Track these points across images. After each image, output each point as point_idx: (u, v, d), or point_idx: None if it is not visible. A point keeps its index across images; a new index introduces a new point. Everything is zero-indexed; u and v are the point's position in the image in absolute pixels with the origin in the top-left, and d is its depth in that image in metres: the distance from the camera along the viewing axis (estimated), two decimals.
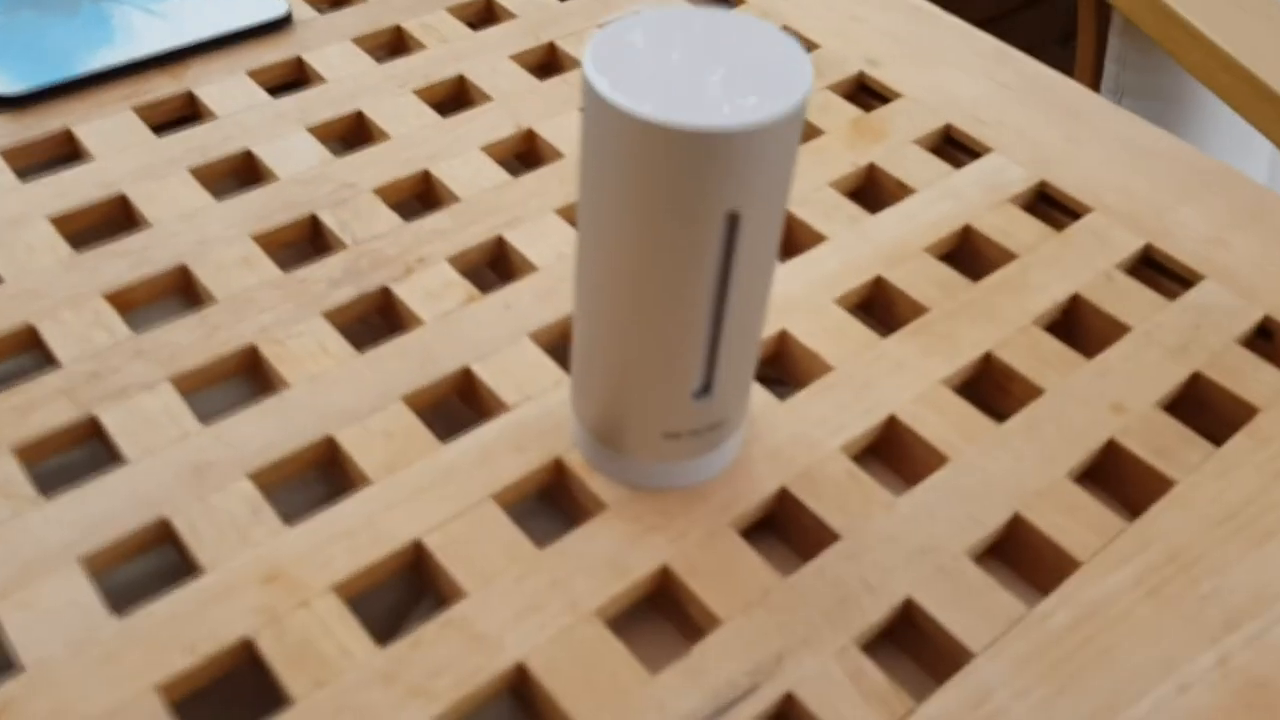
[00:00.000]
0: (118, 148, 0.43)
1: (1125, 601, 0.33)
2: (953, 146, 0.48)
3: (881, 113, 0.48)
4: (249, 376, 0.37)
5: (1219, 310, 0.41)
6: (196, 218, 0.41)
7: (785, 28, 0.53)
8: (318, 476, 0.35)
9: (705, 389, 0.32)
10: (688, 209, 0.28)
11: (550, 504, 0.36)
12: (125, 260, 0.39)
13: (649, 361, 0.31)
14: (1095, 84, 0.80)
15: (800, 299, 0.40)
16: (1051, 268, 0.42)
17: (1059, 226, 0.45)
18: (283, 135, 0.44)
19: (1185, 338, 0.40)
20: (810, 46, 0.52)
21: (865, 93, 0.51)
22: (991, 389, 0.39)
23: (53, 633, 0.30)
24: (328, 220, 0.41)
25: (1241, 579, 0.33)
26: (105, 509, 0.32)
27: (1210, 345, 0.40)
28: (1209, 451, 0.37)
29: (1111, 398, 0.38)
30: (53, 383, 0.35)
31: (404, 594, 0.34)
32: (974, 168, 0.46)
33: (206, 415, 0.36)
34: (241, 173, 0.44)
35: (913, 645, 0.33)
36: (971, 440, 0.36)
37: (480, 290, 0.40)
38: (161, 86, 0.46)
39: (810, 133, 0.47)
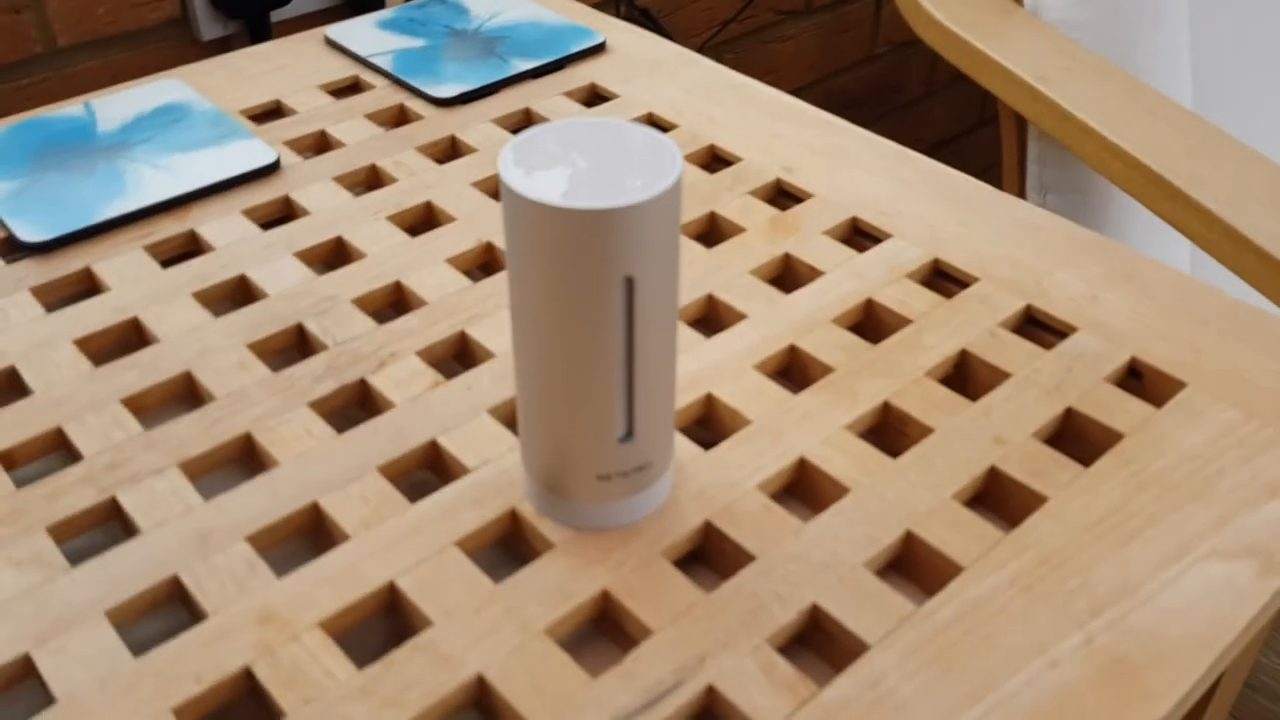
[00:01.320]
0: (131, 280, 0.50)
1: (1002, 597, 0.38)
2: (859, 235, 0.55)
3: (795, 210, 0.55)
4: (246, 460, 0.43)
5: (1090, 355, 0.47)
6: (198, 333, 0.47)
7: (712, 145, 0.60)
8: (306, 540, 0.41)
9: (628, 433, 0.38)
10: (592, 277, 0.34)
11: (508, 550, 0.41)
12: (137, 370, 0.45)
13: (577, 412, 0.37)
14: (1022, 184, 0.87)
15: (723, 367, 0.46)
16: (942, 328, 0.48)
17: (950, 295, 0.51)
18: (272, 260, 0.51)
19: (1059, 379, 0.46)
20: (734, 160, 0.59)
21: (783, 195, 0.58)
22: (890, 433, 0.45)
23: (82, 671, 0.35)
24: (311, 328, 0.48)
25: (1106, 574, 0.38)
26: (124, 572, 0.38)
27: (1081, 384, 0.45)
28: (1079, 471, 0.42)
29: (993, 432, 0.43)
30: (77, 473, 0.41)
31: (387, 641, 0.39)
32: (875, 250, 0.52)
33: (210, 494, 0.42)
34: (237, 294, 0.51)
35: (817, 644, 0.38)
36: (870, 475, 0.42)
37: (446, 377, 0.46)
38: (168, 228, 0.53)
39: (732, 230, 0.54)
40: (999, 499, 0.42)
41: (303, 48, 0.68)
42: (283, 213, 0.56)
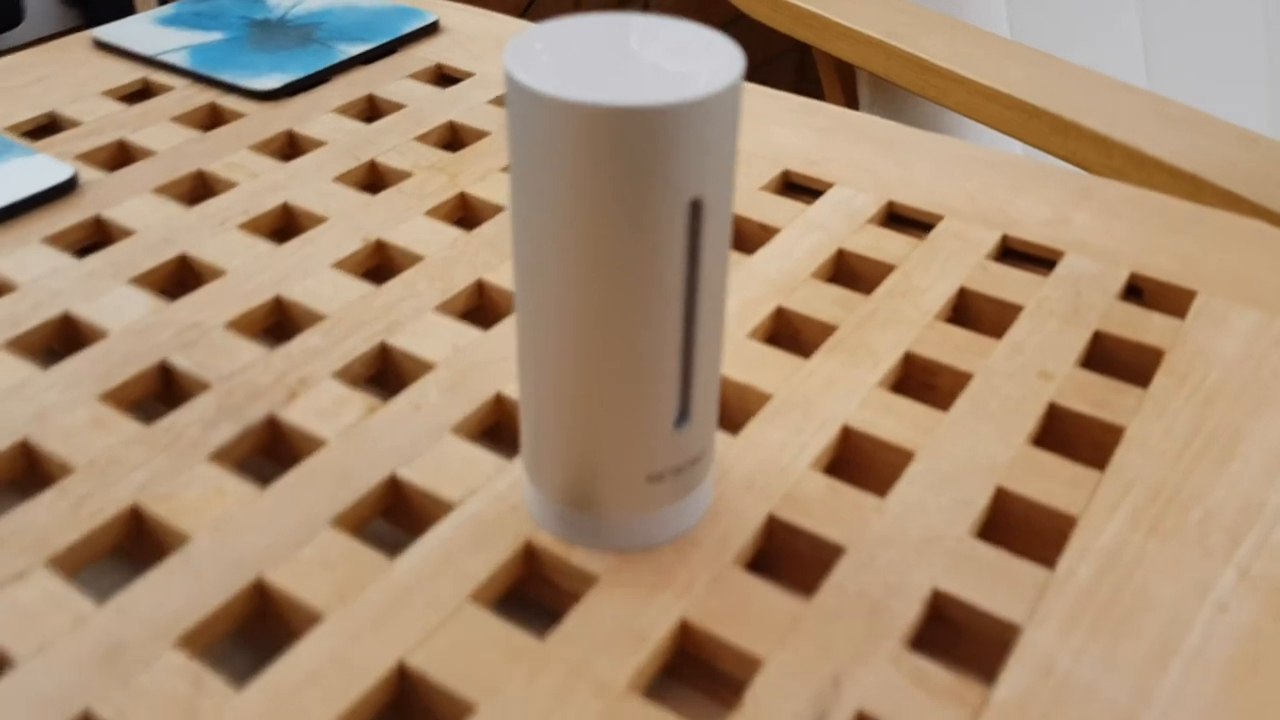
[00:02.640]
0: None
1: (1133, 545, 0.32)
2: (796, 189, 0.49)
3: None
4: (139, 542, 0.32)
5: (1090, 277, 0.42)
6: (25, 390, 0.35)
7: None
8: (258, 634, 0.30)
9: (684, 415, 0.29)
10: (649, 202, 0.26)
11: (527, 599, 0.32)
12: None
13: (623, 391, 0.28)
14: None
15: None
16: (929, 269, 0.42)
17: (920, 237, 0.45)
18: (101, 293, 0.39)
19: (1074, 304, 0.41)
20: None
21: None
22: (919, 386, 0.39)
23: None
24: (180, 363, 0.36)
25: (1223, 497, 0.33)
26: None
27: (1098, 306, 0.41)
28: (1141, 395, 0.37)
29: (1035, 367, 0.38)
30: None
31: None
32: (825, 200, 0.46)
33: (101, 595, 0.30)
34: (64, 337, 0.38)
35: (946, 638, 0.31)
36: (928, 433, 0.35)
37: (381, 399, 0.36)
38: None
39: None
40: (1070, 437, 0.37)
41: (66, 54, 0.55)
42: (96, 237, 0.43)
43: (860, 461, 0.36)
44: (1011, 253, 0.45)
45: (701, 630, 0.29)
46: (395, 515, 0.34)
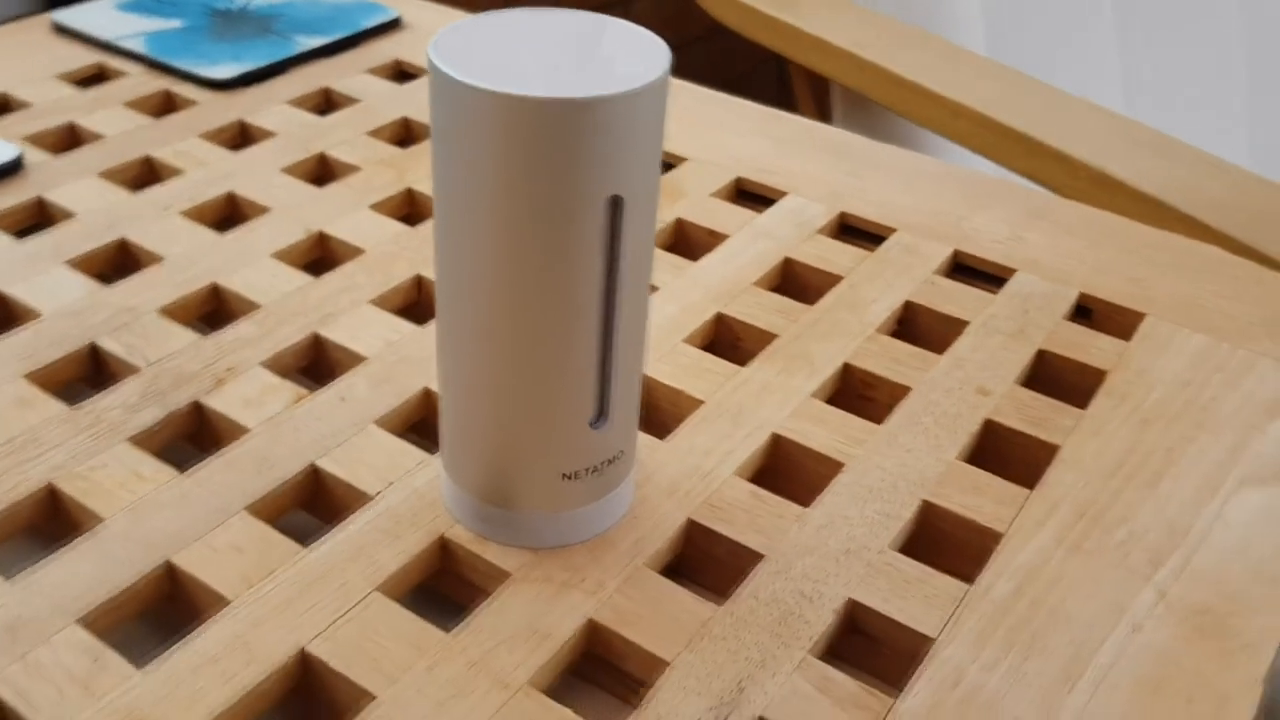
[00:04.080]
0: None
1: (1054, 561, 0.32)
2: (748, 197, 0.49)
3: (673, 175, 0.48)
4: (53, 522, 0.31)
5: (1039, 296, 0.42)
6: None
7: None
8: (166, 616, 0.30)
9: (601, 415, 0.29)
10: (566, 195, 0.25)
11: (440, 594, 0.32)
12: None
13: (537, 389, 0.28)
14: None
15: (650, 345, 0.38)
16: (875, 282, 0.42)
17: (869, 249, 0.45)
18: (37, 274, 0.39)
19: (1020, 322, 0.41)
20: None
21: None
22: (856, 399, 0.39)
23: None
24: (109, 347, 0.36)
25: (1148, 519, 0.33)
26: None
27: (1044, 325, 0.41)
28: (1079, 415, 0.37)
29: (974, 383, 0.38)
30: None
31: None
32: (776, 209, 0.46)
33: (10, 572, 0.30)
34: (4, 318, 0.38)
35: (861, 649, 0.30)
36: (859, 444, 0.35)
37: (310, 390, 0.35)
38: None
39: None
40: (1004, 454, 0.36)
41: (24, 36, 0.55)
42: (37, 218, 0.43)
43: (788, 471, 0.35)
44: (963, 268, 0.45)
45: (609, 630, 0.29)
46: (314, 505, 0.33)
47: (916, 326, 0.42)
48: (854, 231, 0.47)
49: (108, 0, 0.57)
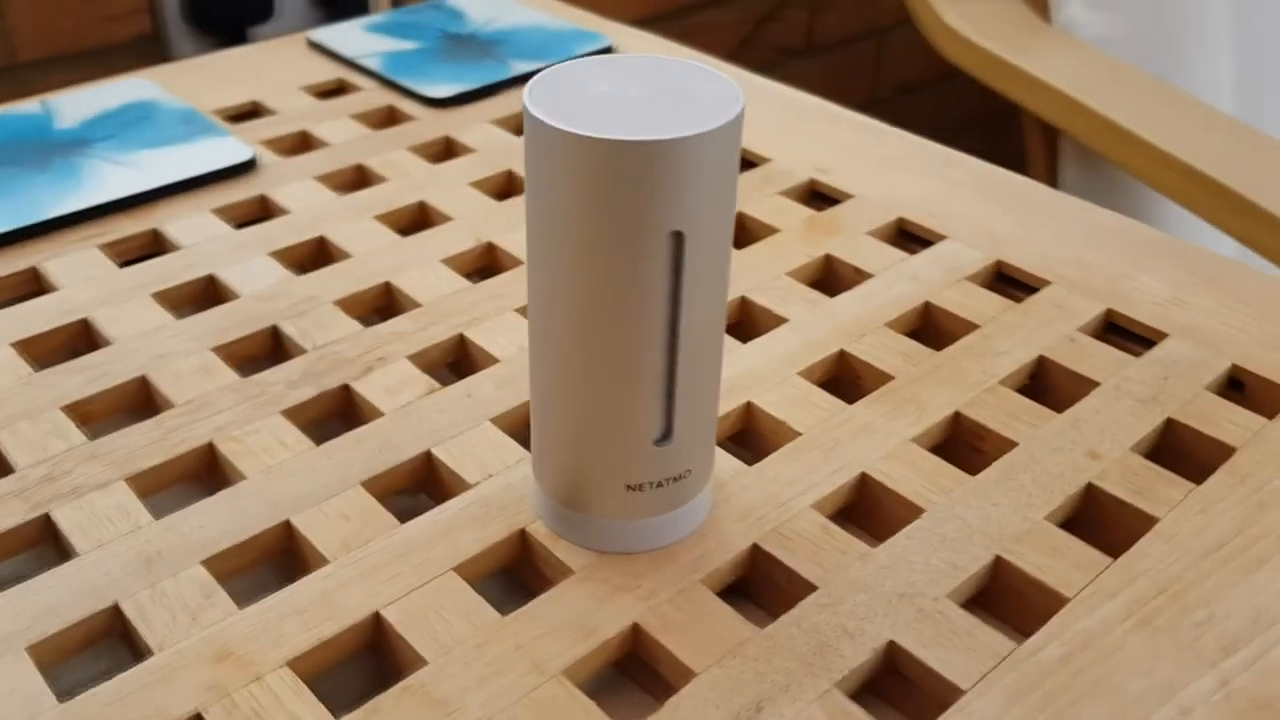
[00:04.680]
0: (82, 280, 0.44)
1: (1117, 632, 0.31)
2: (907, 238, 0.49)
3: (834, 211, 0.49)
4: (207, 475, 0.37)
5: (1186, 363, 0.41)
6: (156, 335, 0.41)
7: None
8: (276, 566, 0.34)
9: (666, 434, 0.31)
10: (631, 229, 0.28)
11: (516, 580, 0.35)
12: (83, 376, 0.39)
13: (605, 404, 0.30)
14: None
15: (763, 374, 0.40)
16: (1014, 334, 0.42)
17: (1017, 300, 0.45)
18: (244, 260, 0.45)
19: (1155, 389, 0.40)
20: (760, 160, 0.54)
21: (818, 197, 0.52)
22: (964, 448, 0.39)
23: None
24: (288, 330, 0.41)
25: (1235, 605, 0.32)
26: (54, 600, 0.31)
27: (1180, 394, 0.39)
28: (1189, 489, 0.36)
29: (1086, 446, 0.37)
30: (6, 487, 0.35)
31: (371, 685, 0.32)
32: (929, 253, 0.47)
33: (164, 513, 0.35)
34: (204, 296, 0.44)
35: (898, 691, 0.31)
36: (946, 493, 0.35)
37: (442, 385, 0.39)
38: (126, 227, 0.47)
39: (764, 231, 0.48)
40: (1099, 521, 0.36)
41: (284, 51, 0.62)
42: (258, 212, 0.49)
43: (870, 511, 0.36)
44: (1116, 329, 0.44)
45: (649, 636, 0.31)
46: (426, 488, 0.37)
47: (1045, 383, 0.41)
48: (1009, 281, 0.46)
49: (359, 21, 0.63)
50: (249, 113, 0.57)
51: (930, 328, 0.44)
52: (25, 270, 0.44)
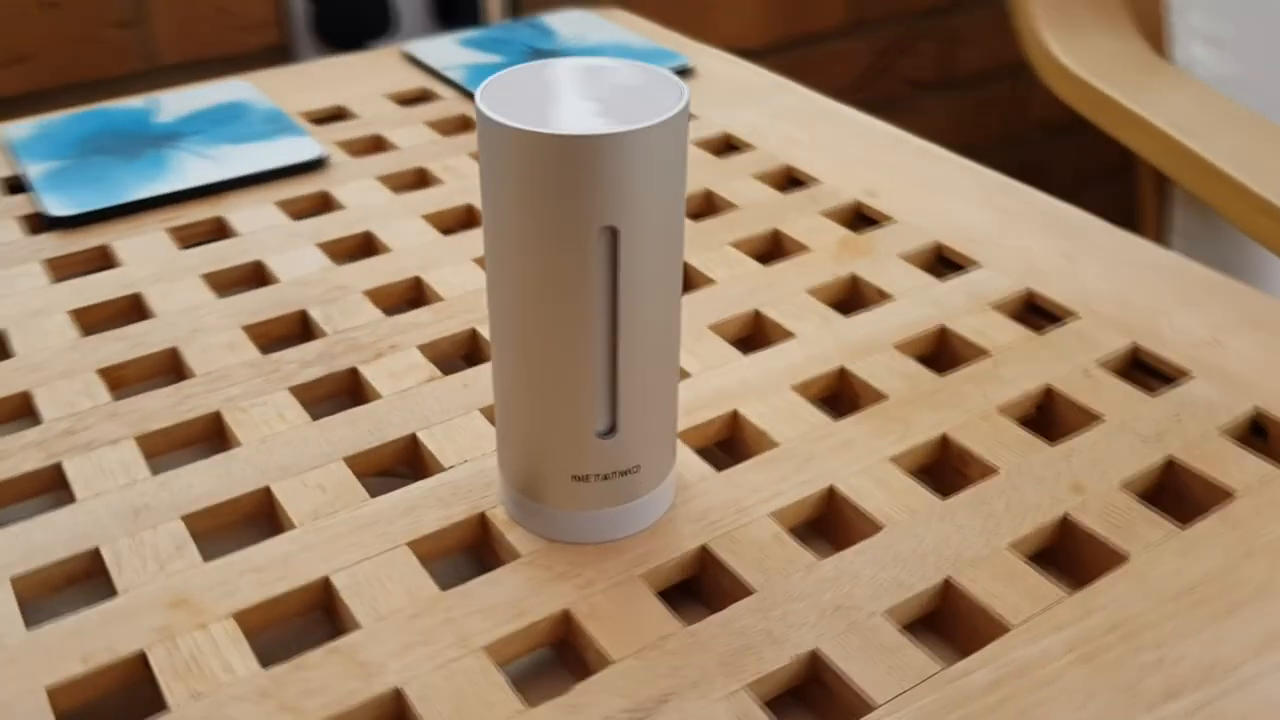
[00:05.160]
0: (144, 259, 0.47)
1: (1054, 666, 0.30)
2: (943, 264, 0.48)
3: (871, 233, 0.49)
4: (210, 440, 0.39)
5: (1204, 404, 0.39)
6: (196, 312, 0.44)
7: (789, 166, 0.55)
8: (254, 528, 0.36)
9: (611, 428, 0.32)
10: (565, 224, 0.29)
11: (475, 560, 0.36)
12: (124, 344, 0.42)
13: (548, 396, 0.31)
14: None
15: (756, 385, 0.40)
16: (1025, 363, 0.41)
17: (1040, 330, 0.44)
18: (293, 249, 0.48)
19: (1163, 427, 0.38)
20: (810, 181, 0.54)
21: (861, 220, 0.52)
22: (948, 472, 0.38)
23: None
24: (314, 315, 0.44)
25: (1191, 651, 0.30)
26: (45, 540, 0.34)
27: (1188, 434, 0.38)
28: (1172, 531, 0.34)
29: (1073, 479, 0.36)
30: (30, 437, 0.38)
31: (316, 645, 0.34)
32: (959, 279, 0.46)
33: (159, 473, 0.38)
34: (250, 279, 0.47)
35: (812, 701, 0.31)
36: (911, 513, 0.35)
37: (448, 375, 0.41)
38: (195, 213, 0.50)
39: (795, 249, 0.48)
40: (1069, 556, 0.35)
41: (381, 61, 0.66)
42: (318, 207, 0.52)
43: (833, 524, 0.36)
44: (1141, 366, 0.42)
45: (577, 623, 0.31)
46: (410, 467, 0.39)
47: (1051, 415, 0.40)
48: (1038, 312, 0.45)
49: (454, 36, 0.66)
50: (333, 116, 0.60)
51: (943, 352, 0.43)
52: (96, 247, 0.48)
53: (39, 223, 0.50)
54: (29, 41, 0.73)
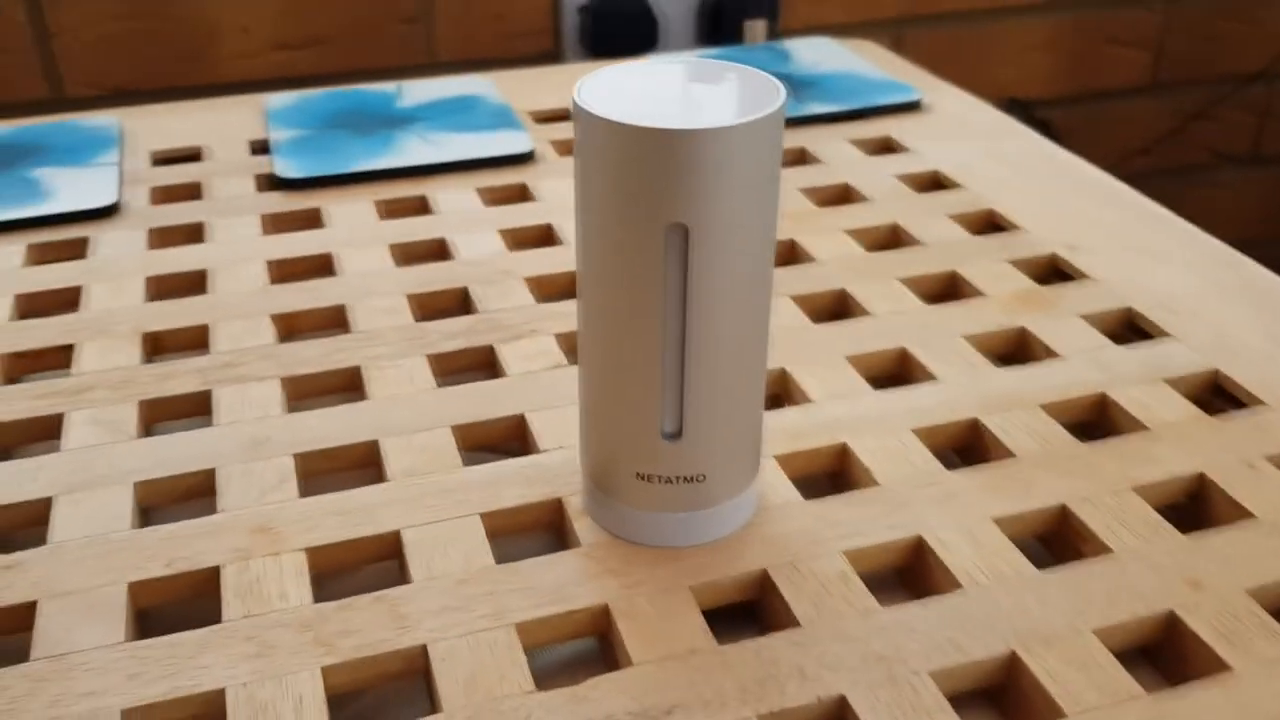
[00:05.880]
0: (347, 224, 0.51)
1: None
2: (1130, 330, 0.45)
3: (1057, 287, 0.46)
4: (346, 390, 0.42)
5: None
6: (371, 278, 0.47)
7: (991, 210, 0.52)
8: (356, 476, 0.38)
9: (678, 432, 0.32)
10: (634, 217, 0.29)
11: (550, 542, 0.36)
12: (303, 296, 0.46)
13: (615, 389, 0.31)
14: None
15: (876, 421, 0.38)
16: (1185, 445, 0.37)
17: (1217, 413, 0.39)
18: (477, 232, 0.50)
19: None
20: (1011, 228, 0.51)
21: (1054, 274, 0.48)
22: (1060, 545, 0.35)
23: (80, 527, 0.34)
24: (475, 293, 0.46)
25: None
26: (173, 454, 0.37)
27: None
28: None
29: (1193, 573, 0.32)
30: (195, 364, 0.42)
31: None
32: (1141, 347, 0.42)
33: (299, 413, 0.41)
34: (432, 255, 0.50)
35: None
36: (997, 578, 0.32)
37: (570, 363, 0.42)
38: (405, 190, 0.54)
39: (969, 293, 0.46)
40: (1167, 657, 0.31)
41: None
42: (514, 197, 0.55)
43: (914, 575, 0.34)
44: None
45: (613, 620, 0.31)
46: (519, 445, 0.40)
47: (1202, 506, 0.36)
48: (1221, 394, 0.41)
49: (697, 53, 0.67)
50: (559, 117, 0.63)
51: (1096, 421, 0.40)
52: (311, 209, 0.52)
53: (269, 182, 0.55)
54: (325, 27, 0.80)
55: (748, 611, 0.34)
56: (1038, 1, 0.97)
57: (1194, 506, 0.36)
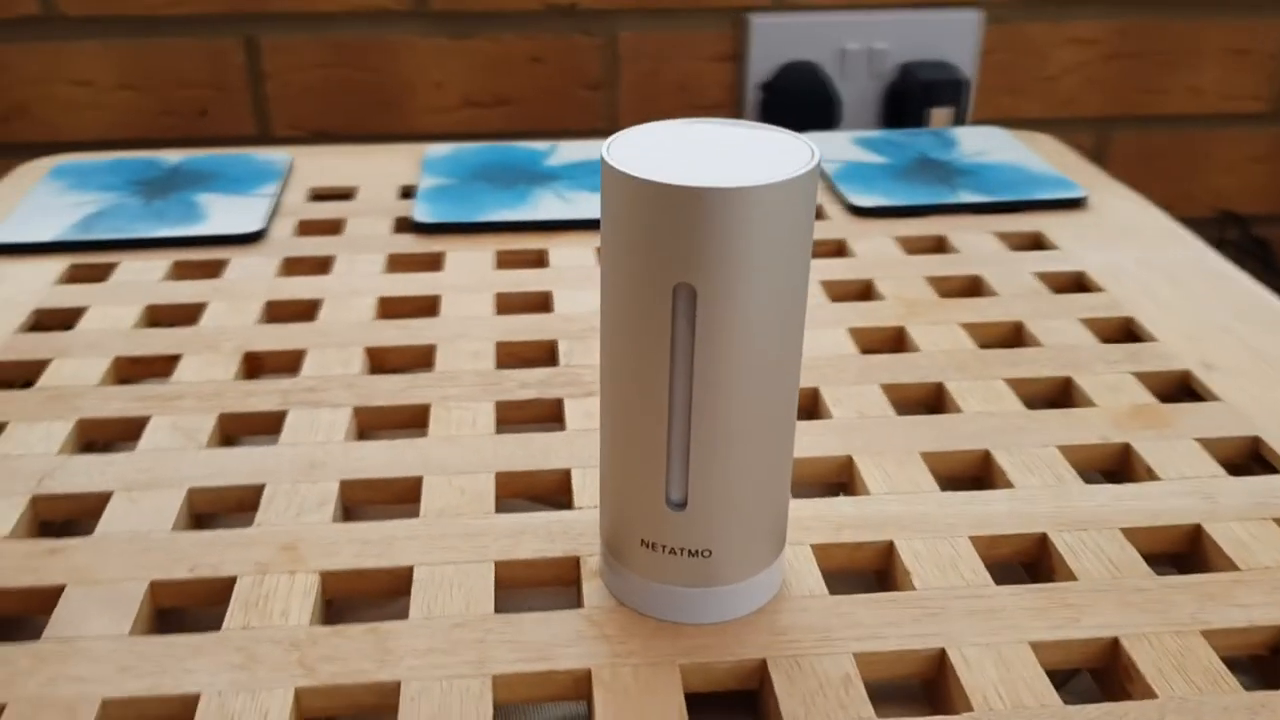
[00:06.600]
0: (463, 271, 0.52)
1: None
2: (1255, 463, 0.40)
3: (1179, 407, 0.42)
4: (412, 426, 0.42)
5: None
6: (469, 322, 0.48)
7: (1130, 319, 0.48)
8: (395, 508, 0.39)
9: (683, 501, 0.30)
10: (642, 274, 0.28)
11: (564, 597, 0.35)
12: (400, 332, 0.47)
13: (622, 450, 0.31)
14: None
15: (931, 522, 0.36)
16: (1273, 594, 0.33)
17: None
18: (582, 289, 0.50)
19: None
20: (1146, 339, 0.47)
21: (1183, 392, 0.44)
22: (1106, 682, 0.31)
23: (127, 523, 0.36)
24: (562, 348, 0.46)
25: None
26: (232, 465, 0.39)
27: None
28: None
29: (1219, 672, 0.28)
30: (281, 385, 0.43)
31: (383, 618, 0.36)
32: (1255, 481, 0.38)
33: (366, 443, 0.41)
34: (531, 306, 0.50)
35: None
36: (1018, 707, 0.29)
37: None
38: (527, 243, 0.55)
39: (1080, 401, 0.43)
40: None
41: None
42: None
43: (929, 691, 0.31)
44: None
45: (593, 687, 0.30)
46: (563, 499, 0.39)
47: (1270, 659, 0.32)
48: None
49: (854, 133, 0.66)
50: None
51: (1181, 555, 0.36)
52: (434, 253, 0.54)
53: (404, 225, 0.57)
54: (514, 88, 0.83)
55: (747, 702, 0.32)
56: (1264, 110, 0.90)
57: (1263, 660, 0.32)
